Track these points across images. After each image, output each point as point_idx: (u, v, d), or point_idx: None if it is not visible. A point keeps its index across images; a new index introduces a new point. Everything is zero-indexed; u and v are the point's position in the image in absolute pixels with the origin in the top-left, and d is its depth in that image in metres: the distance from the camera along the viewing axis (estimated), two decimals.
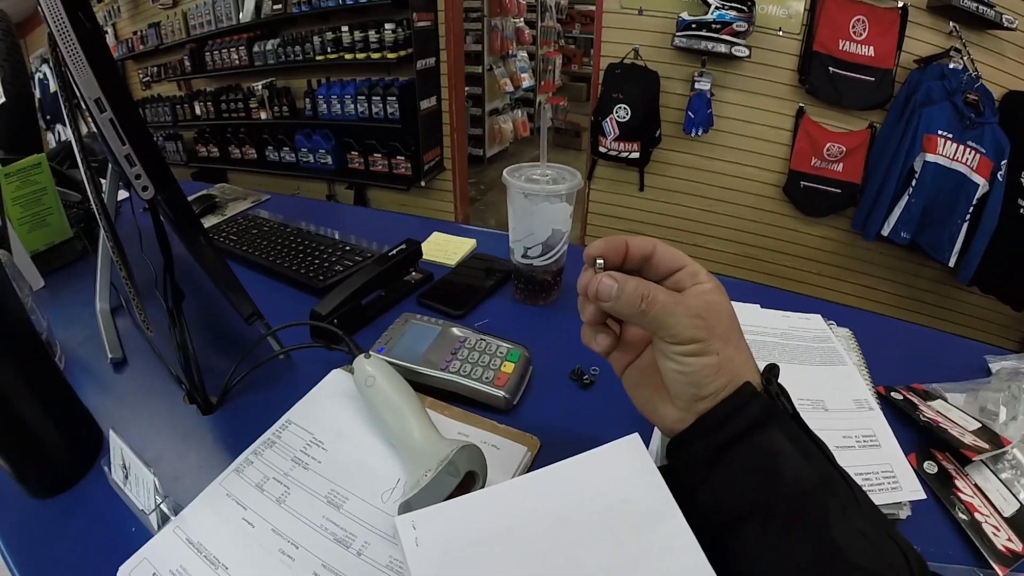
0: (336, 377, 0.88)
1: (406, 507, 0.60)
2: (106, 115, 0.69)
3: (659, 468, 0.57)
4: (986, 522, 0.69)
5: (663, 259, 0.58)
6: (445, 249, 1.34)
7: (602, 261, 0.59)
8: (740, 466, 0.51)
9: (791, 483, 0.48)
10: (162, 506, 0.67)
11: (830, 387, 0.86)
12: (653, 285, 0.55)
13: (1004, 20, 2.86)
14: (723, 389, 0.52)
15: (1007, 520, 0.69)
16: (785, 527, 0.48)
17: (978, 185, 2.92)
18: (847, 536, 0.46)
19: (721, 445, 0.51)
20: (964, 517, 0.69)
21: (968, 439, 0.77)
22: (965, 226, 3.00)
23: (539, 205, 1.01)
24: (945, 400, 0.86)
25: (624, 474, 0.60)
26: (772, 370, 0.55)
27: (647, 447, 0.63)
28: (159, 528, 0.67)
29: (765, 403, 0.52)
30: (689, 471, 0.54)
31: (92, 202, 0.86)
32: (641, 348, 0.64)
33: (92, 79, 0.67)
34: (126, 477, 0.72)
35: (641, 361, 0.64)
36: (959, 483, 0.73)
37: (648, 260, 0.58)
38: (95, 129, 0.73)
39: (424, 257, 1.22)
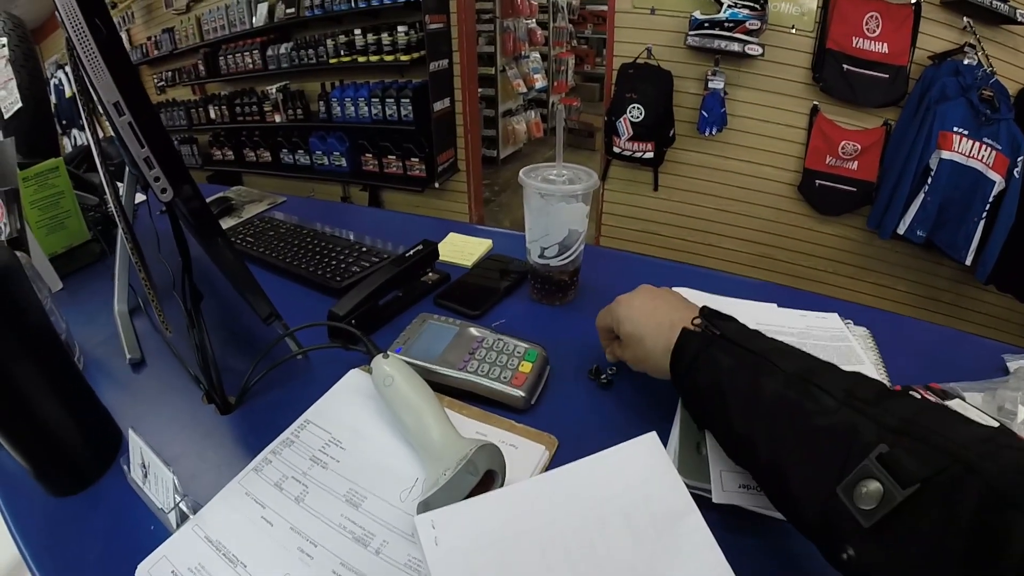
0: (354, 377, 0.88)
1: (425, 506, 0.61)
2: (125, 119, 0.70)
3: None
4: None
5: (611, 326, 0.88)
6: (461, 250, 1.35)
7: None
8: (699, 379, 0.68)
9: (727, 380, 0.64)
10: (181, 504, 0.68)
11: None
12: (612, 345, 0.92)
13: (1018, 15, 2.83)
14: (663, 344, 0.75)
15: None
16: (734, 406, 0.62)
17: (994, 182, 2.89)
18: (774, 394, 0.59)
19: (684, 372, 0.70)
20: None
21: None
22: (982, 224, 2.97)
23: (555, 205, 1.01)
24: (963, 400, 0.85)
25: (643, 472, 0.61)
26: (704, 309, 0.75)
27: (664, 446, 0.63)
28: (178, 526, 0.68)
29: (699, 336, 0.70)
30: (681, 392, 0.76)
31: (111, 204, 0.87)
32: None
33: (111, 83, 0.68)
34: (145, 476, 0.73)
35: None
36: None
37: (610, 331, 0.89)
38: (113, 133, 0.74)
39: (440, 258, 1.22)
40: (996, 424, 0.60)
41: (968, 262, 3.07)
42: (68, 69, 5.98)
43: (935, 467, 0.44)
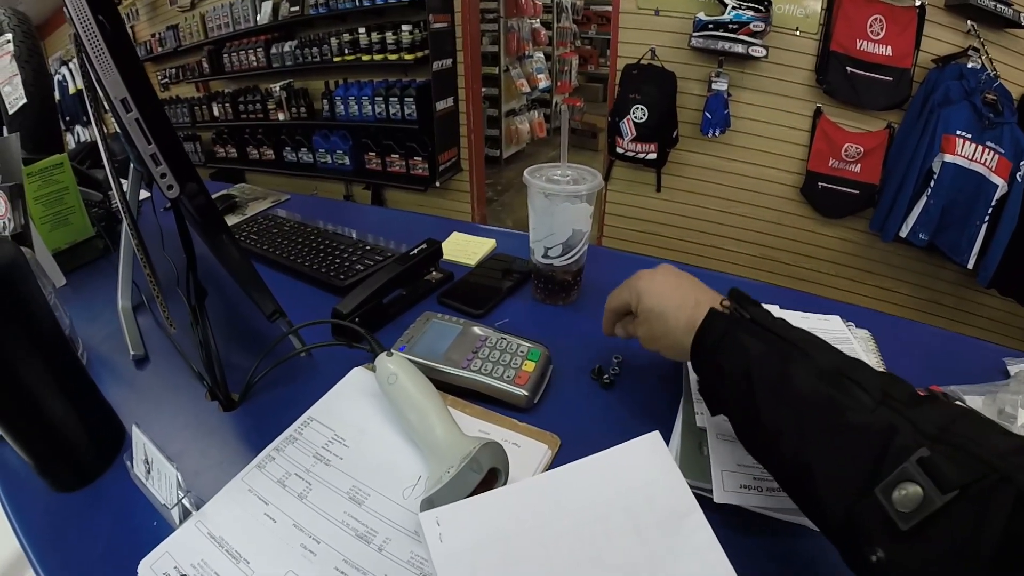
0: (358, 375, 0.89)
1: (428, 503, 0.61)
2: (132, 115, 0.70)
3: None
4: None
5: (625, 304, 0.85)
6: (465, 249, 1.35)
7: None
8: (725, 362, 0.66)
9: (757, 366, 0.62)
10: (184, 501, 0.68)
11: None
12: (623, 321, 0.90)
13: (1022, 19, 2.83)
14: (688, 340, 0.72)
15: None
16: (762, 395, 0.61)
17: (997, 186, 2.89)
18: (805, 386, 0.58)
19: (709, 353, 0.69)
20: None
21: None
22: (984, 228, 2.97)
23: (560, 205, 1.02)
24: (963, 403, 0.86)
25: (645, 471, 0.61)
26: (732, 292, 0.73)
27: (667, 444, 0.63)
28: (181, 522, 0.68)
29: (727, 318, 0.69)
30: (701, 377, 0.73)
31: (116, 200, 0.87)
32: None
33: (119, 79, 0.68)
34: (148, 472, 0.73)
35: None
36: None
37: (621, 309, 0.88)
38: (119, 129, 0.74)
39: (444, 257, 1.23)
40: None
41: (970, 266, 3.07)
42: (72, 65, 6.01)
43: (973, 474, 0.45)
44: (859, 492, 0.50)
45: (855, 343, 0.96)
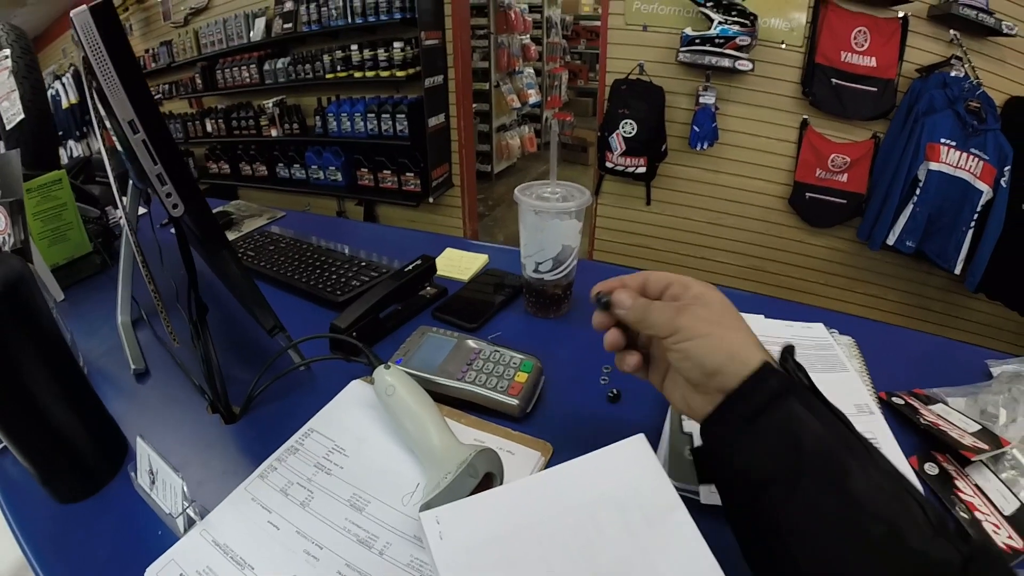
0: (356, 387, 0.91)
1: (427, 508, 0.63)
2: (139, 136, 0.72)
3: (694, 450, 0.67)
4: (986, 520, 0.70)
5: (653, 282, 0.72)
6: (458, 264, 1.37)
7: (606, 297, 0.73)
8: (766, 433, 0.56)
9: (811, 445, 0.53)
10: (189, 510, 0.70)
11: (831, 392, 0.87)
12: (652, 302, 0.69)
13: (1003, 27, 2.87)
14: (728, 364, 0.59)
15: (1007, 518, 0.71)
16: (810, 485, 0.52)
17: (982, 192, 2.93)
18: (866, 490, 0.50)
19: (749, 415, 0.56)
20: (965, 516, 0.71)
21: (968, 441, 0.79)
22: (970, 233, 3.02)
23: (549, 222, 1.04)
24: (946, 404, 0.88)
25: (632, 471, 0.63)
26: (789, 350, 0.62)
27: (655, 451, 0.65)
28: (186, 531, 0.70)
29: (783, 378, 0.57)
30: (723, 444, 0.60)
31: (118, 214, 0.89)
32: (667, 362, 0.69)
33: (126, 101, 0.70)
34: (152, 482, 0.74)
35: (670, 371, 0.70)
36: (959, 483, 0.75)
37: (644, 288, 0.72)
38: (122, 148, 0.76)
39: (438, 272, 1.25)
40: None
41: (958, 271, 3.11)
42: (65, 80, 6.00)
43: None
44: None
45: (838, 349, 0.98)
